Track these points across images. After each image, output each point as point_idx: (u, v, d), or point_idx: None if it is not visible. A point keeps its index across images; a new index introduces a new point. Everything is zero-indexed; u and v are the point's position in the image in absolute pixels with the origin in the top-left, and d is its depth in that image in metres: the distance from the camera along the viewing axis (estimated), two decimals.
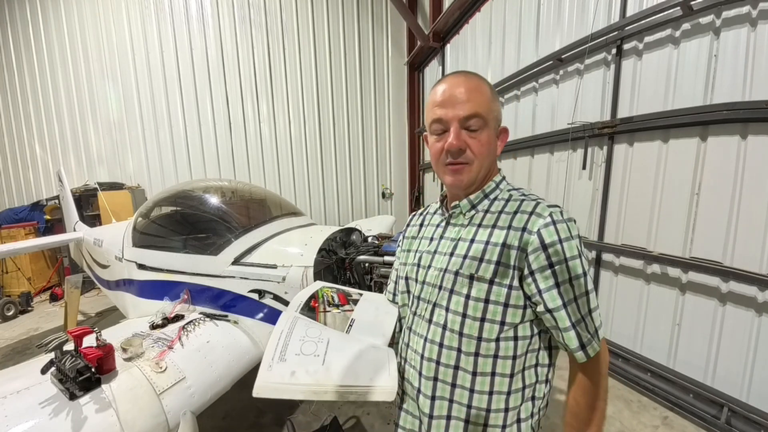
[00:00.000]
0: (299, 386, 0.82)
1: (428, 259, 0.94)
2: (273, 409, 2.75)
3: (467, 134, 0.84)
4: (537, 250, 0.78)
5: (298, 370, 0.84)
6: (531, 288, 0.80)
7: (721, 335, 2.41)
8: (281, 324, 0.99)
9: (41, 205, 6.95)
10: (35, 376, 1.41)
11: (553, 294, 0.78)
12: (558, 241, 0.78)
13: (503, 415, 0.83)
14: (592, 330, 0.80)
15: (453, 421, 0.85)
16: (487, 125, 0.84)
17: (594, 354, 0.81)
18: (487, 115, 0.83)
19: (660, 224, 2.76)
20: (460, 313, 0.84)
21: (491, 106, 0.85)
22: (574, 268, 0.78)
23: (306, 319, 1.04)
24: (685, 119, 2.50)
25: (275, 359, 0.86)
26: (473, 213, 0.90)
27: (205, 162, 7.17)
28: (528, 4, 4.04)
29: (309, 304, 1.13)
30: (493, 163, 0.91)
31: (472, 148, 0.84)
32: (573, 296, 0.78)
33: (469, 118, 0.82)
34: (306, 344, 0.91)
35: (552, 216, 0.80)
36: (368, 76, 7.61)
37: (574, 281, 0.78)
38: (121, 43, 6.78)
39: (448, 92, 0.84)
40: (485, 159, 0.86)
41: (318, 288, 1.23)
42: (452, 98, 0.83)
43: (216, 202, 2.83)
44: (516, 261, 0.80)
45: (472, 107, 0.82)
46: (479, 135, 0.84)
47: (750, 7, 2.18)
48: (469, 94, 0.83)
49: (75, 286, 4.13)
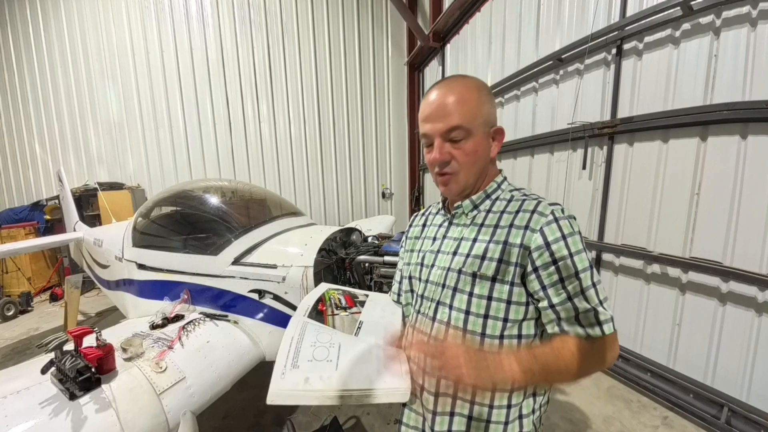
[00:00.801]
0: (314, 392, 0.81)
1: (432, 258, 0.95)
2: (273, 409, 2.75)
3: (451, 146, 0.85)
4: (540, 247, 0.79)
5: (312, 376, 0.84)
6: (533, 285, 0.80)
7: (721, 335, 2.41)
8: (291, 330, 0.99)
9: (41, 205, 6.94)
10: (35, 376, 1.42)
11: (557, 289, 0.78)
12: (561, 237, 0.79)
13: (506, 411, 0.84)
14: (602, 319, 0.78)
15: (456, 418, 0.86)
16: (471, 134, 0.84)
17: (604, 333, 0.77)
18: (470, 123, 0.84)
19: (660, 224, 2.76)
20: (464, 310, 0.85)
21: (477, 112, 0.85)
22: (580, 262, 0.78)
23: (315, 323, 1.05)
24: (685, 119, 2.50)
25: (288, 366, 0.86)
26: (475, 213, 0.92)
27: (205, 162, 7.17)
28: (528, 4, 4.04)
29: (317, 307, 1.13)
30: (486, 167, 0.91)
31: (457, 158, 0.86)
32: (580, 290, 0.78)
33: (451, 130, 0.84)
34: (318, 350, 0.91)
35: (554, 213, 0.81)
36: (368, 76, 7.62)
37: (581, 275, 0.78)
38: (121, 43, 6.78)
39: (431, 106, 0.86)
40: (472, 167, 0.88)
41: (324, 291, 1.23)
42: (434, 113, 0.85)
43: (216, 202, 2.83)
44: (518, 258, 0.81)
45: (452, 120, 0.83)
46: (463, 145, 0.85)
47: (750, 7, 2.18)
48: (451, 106, 0.84)
49: (75, 286, 4.13)
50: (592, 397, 2.80)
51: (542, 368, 0.74)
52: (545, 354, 0.76)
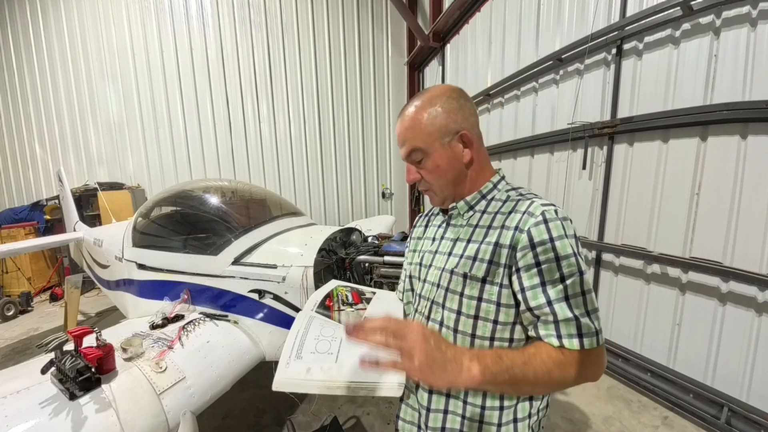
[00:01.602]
0: (314, 382, 0.89)
1: (430, 258, 0.96)
2: (273, 409, 2.75)
3: (416, 167, 0.92)
4: (525, 248, 0.77)
5: (313, 367, 0.91)
6: (515, 285, 0.79)
7: (721, 335, 2.41)
8: (298, 323, 1.07)
9: (41, 205, 6.94)
10: (35, 376, 1.41)
11: (536, 292, 0.76)
12: (548, 240, 0.76)
13: (498, 413, 0.84)
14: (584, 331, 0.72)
15: (450, 416, 0.88)
16: (427, 153, 0.88)
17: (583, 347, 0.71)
18: (425, 143, 0.87)
19: (660, 224, 2.76)
20: (455, 310, 0.86)
21: (429, 130, 0.85)
22: (567, 266, 0.74)
23: (321, 318, 1.12)
24: (685, 119, 2.50)
25: (292, 357, 0.94)
26: (471, 214, 0.92)
27: (205, 162, 7.17)
28: (528, 4, 4.04)
29: (324, 303, 1.20)
30: (461, 175, 0.90)
31: (425, 177, 0.92)
32: (564, 296, 0.74)
33: (408, 155, 0.90)
34: (320, 343, 0.99)
35: (544, 215, 0.78)
36: (368, 76, 7.61)
37: (567, 280, 0.74)
38: (121, 43, 6.78)
39: (397, 136, 0.93)
40: (440, 180, 0.91)
41: (333, 287, 1.29)
42: (398, 141, 0.93)
43: (216, 202, 2.82)
44: (507, 259, 0.80)
45: (407, 146, 0.89)
46: (425, 164, 0.90)
47: (750, 7, 2.18)
48: (404, 132, 0.89)
49: (75, 286, 4.13)
50: (592, 397, 2.80)
51: (505, 372, 0.69)
52: (513, 358, 0.71)
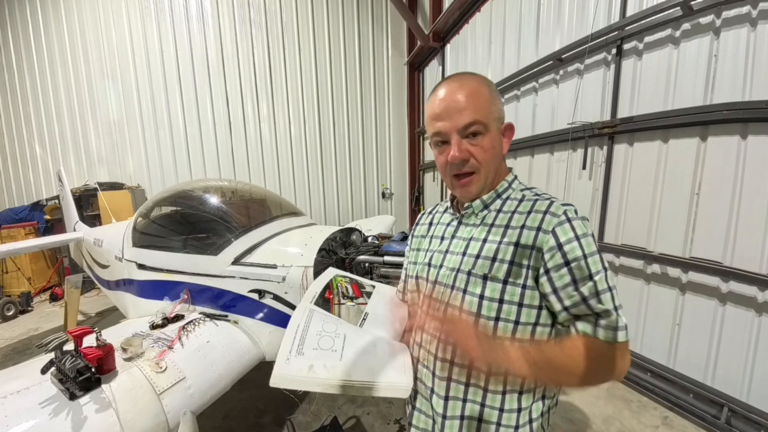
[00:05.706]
0: (317, 380, 0.84)
1: (440, 258, 0.93)
2: (273, 409, 2.75)
3: (469, 142, 0.82)
4: (552, 248, 0.77)
5: (316, 364, 0.86)
6: (545, 287, 0.78)
7: (721, 335, 2.41)
8: (297, 316, 1.01)
9: (41, 205, 6.94)
10: (35, 376, 1.41)
11: (569, 291, 0.76)
12: (574, 238, 0.76)
13: (516, 415, 0.83)
14: (619, 324, 0.74)
15: (467, 421, 0.85)
16: (488, 129, 0.82)
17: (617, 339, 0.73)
18: (486, 118, 0.81)
19: (660, 224, 2.76)
20: (474, 313, 0.83)
21: (491, 107, 0.83)
22: (594, 264, 0.75)
23: (321, 311, 1.07)
24: (685, 119, 2.50)
25: (293, 352, 0.89)
26: (486, 212, 0.89)
27: (205, 162, 7.16)
28: (528, 4, 4.04)
29: (324, 295, 1.15)
30: (500, 165, 0.90)
31: (476, 156, 0.83)
32: (595, 292, 0.74)
33: (469, 126, 0.81)
34: (323, 339, 0.94)
35: (566, 214, 0.78)
36: (368, 76, 7.62)
37: (595, 277, 0.74)
38: (121, 43, 6.78)
39: (444, 102, 0.83)
40: (491, 164, 0.85)
41: (332, 277, 1.24)
42: (449, 108, 0.82)
43: (216, 202, 2.82)
44: (531, 260, 0.79)
45: (470, 115, 0.80)
46: (481, 141, 0.82)
47: (750, 7, 2.18)
48: (466, 100, 0.81)
49: (75, 286, 4.13)
50: (592, 397, 2.80)
51: (548, 363, 0.73)
52: (553, 349, 0.75)
